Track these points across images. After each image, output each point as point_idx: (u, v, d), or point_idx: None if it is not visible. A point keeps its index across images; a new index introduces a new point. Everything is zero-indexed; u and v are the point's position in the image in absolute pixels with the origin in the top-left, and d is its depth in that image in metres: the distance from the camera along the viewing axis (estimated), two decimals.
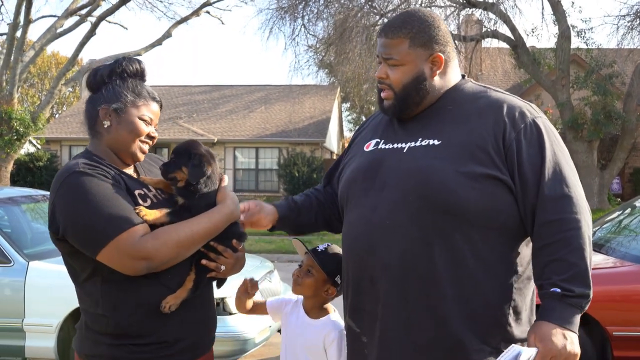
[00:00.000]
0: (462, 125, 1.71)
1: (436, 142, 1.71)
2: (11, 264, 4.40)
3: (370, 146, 1.86)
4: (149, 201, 1.84)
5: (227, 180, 1.95)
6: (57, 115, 36.18)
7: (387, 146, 1.80)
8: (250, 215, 1.98)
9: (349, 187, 1.86)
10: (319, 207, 2.09)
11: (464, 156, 1.65)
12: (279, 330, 4.99)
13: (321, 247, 2.21)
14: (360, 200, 1.78)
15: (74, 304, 4.28)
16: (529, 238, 1.70)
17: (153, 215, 1.76)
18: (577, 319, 1.59)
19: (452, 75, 1.81)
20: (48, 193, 6.06)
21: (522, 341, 1.67)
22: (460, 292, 1.64)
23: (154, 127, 1.91)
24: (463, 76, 1.87)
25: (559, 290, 1.56)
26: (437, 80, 1.77)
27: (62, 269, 4.41)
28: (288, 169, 22.94)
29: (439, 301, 1.64)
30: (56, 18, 18.73)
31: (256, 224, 2.00)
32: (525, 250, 1.72)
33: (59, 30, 18.66)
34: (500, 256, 1.67)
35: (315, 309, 2.23)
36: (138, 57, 1.96)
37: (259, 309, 2.39)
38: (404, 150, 1.75)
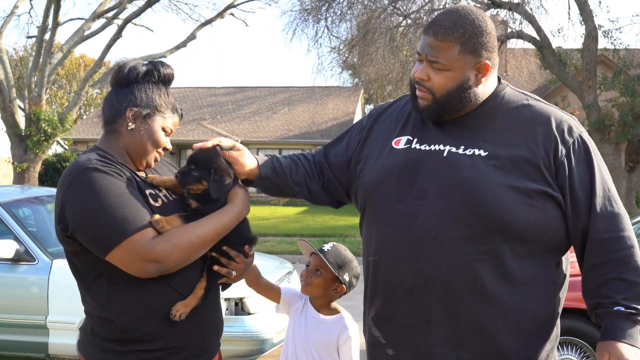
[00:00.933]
0: (508, 137, 1.65)
1: (482, 152, 1.64)
2: (35, 262, 4.49)
3: (400, 143, 1.75)
4: (159, 201, 1.80)
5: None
6: (84, 117, 36.75)
7: (422, 147, 1.71)
8: (232, 158, 1.85)
9: (378, 187, 1.74)
10: (304, 175, 1.95)
11: (514, 170, 1.60)
12: None
13: (327, 247, 2.23)
14: (395, 206, 1.68)
15: None
16: (567, 249, 1.71)
17: (170, 224, 1.71)
18: None
19: (493, 80, 1.75)
20: None
21: (553, 341, 1.70)
22: (509, 309, 1.62)
23: (169, 139, 1.89)
24: (499, 79, 1.80)
25: (622, 308, 1.57)
26: (480, 87, 1.69)
27: None
28: None
29: (487, 318, 1.62)
30: (84, 21, 19.04)
31: (235, 169, 1.86)
32: (565, 263, 1.72)
33: (86, 33, 18.96)
34: (547, 271, 1.67)
35: (325, 307, 2.25)
36: (164, 59, 1.94)
37: (271, 294, 2.37)
38: (444, 154, 1.67)
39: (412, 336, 1.66)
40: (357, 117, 27.63)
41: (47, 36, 17.94)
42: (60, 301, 4.41)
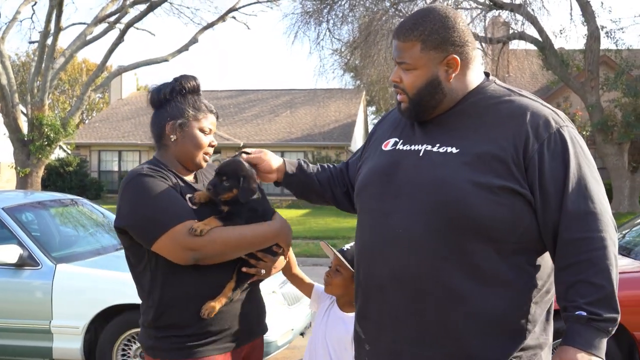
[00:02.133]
0: (482, 134, 1.64)
1: (454, 150, 1.63)
2: (39, 267, 4.48)
3: (388, 145, 1.80)
4: (197, 204, 2.02)
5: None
6: (86, 121, 36.81)
7: (404, 147, 1.74)
8: (257, 157, 2.04)
9: (364, 188, 1.80)
10: (329, 180, 2.09)
11: (482, 167, 1.58)
12: (302, 334, 5.00)
13: (347, 246, 2.29)
14: (374, 205, 1.72)
15: (101, 306, 4.37)
16: (545, 251, 1.64)
17: (209, 224, 1.92)
18: (604, 343, 1.52)
19: (473, 76, 1.72)
20: (75, 197, 6.18)
21: (534, 348, 1.63)
22: (476, 308, 1.59)
23: (212, 136, 2.09)
24: (488, 75, 1.79)
25: (584, 313, 1.50)
26: (454, 82, 1.68)
27: (89, 271, 4.55)
28: None
29: (453, 317, 1.59)
30: (86, 25, 19.08)
31: (261, 169, 2.05)
32: (545, 264, 1.65)
33: (88, 38, 19.01)
34: (518, 271, 1.60)
35: (348, 305, 2.31)
36: (193, 75, 2.14)
37: (303, 287, 2.43)
38: (420, 154, 1.68)
39: (382, 332, 1.69)
40: (359, 119, 27.63)
41: (49, 41, 17.98)
42: (64, 306, 4.40)
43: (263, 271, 2.05)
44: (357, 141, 27.62)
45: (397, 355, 1.66)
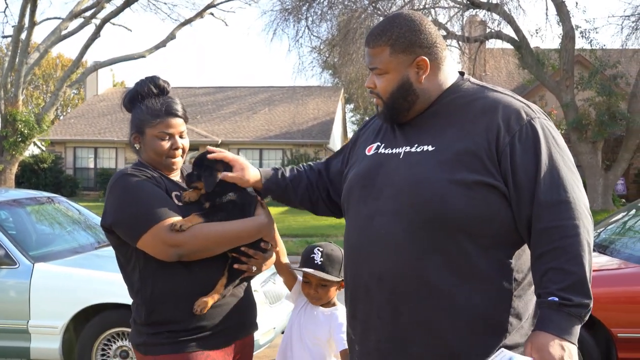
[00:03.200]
0: (456, 130, 1.67)
1: (430, 148, 1.67)
2: (16, 266, 4.41)
3: (371, 150, 1.84)
4: (185, 203, 2.05)
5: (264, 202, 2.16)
6: (61, 117, 36.29)
7: (386, 151, 1.78)
8: (235, 171, 2.01)
9: (349, 193, 1.84)
10: (307, 188, 2.06)
11: (456, 163, 1.61)
12: (283, 332, 4.99)
13: (318, 259, 2.19)
14: (359, 208, 1.76)
15: (79, 305, 4.31)
16: (525, 244, 1.66)
17: (190, 222, 1.94)
18: (577, 329, 1.54)
19: (445, 76, 1.75)
20: (52, 195, 6.09)
21: (520, 345, 1.64)
22: (456, 305, 1.61)
23: (178, 138, 2.07)
24: (462, 74, 1.82)
25: (556, 299, 1.51)
26: (426, 83, 1.72)
27: (68, 270, 4.49)
28: None
29: (434, 315, 1.61)
30: (61, 20, 18.80)
31: (237, 181, 2.02)
32: (525, 257, 1.67)
33: (63, 33, 18.73)
34: (497, 265, 1.62)
35: (329, 303, 2.31)
36: (153, 76, 2.13)
37: (288, 278, 2.35)
38: (400, 157, 1.72)
39: (369, 332, 1.71)
40: (338, 117, 27.67)
41: (23, 36, 17.68)
42: (42, 305, 4.33)
43: (254, 268, 2.07)
44: (336, 139, 27.65)
45: (383, 355, 1.68)
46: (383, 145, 1.81)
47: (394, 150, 1.75)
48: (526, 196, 1.58)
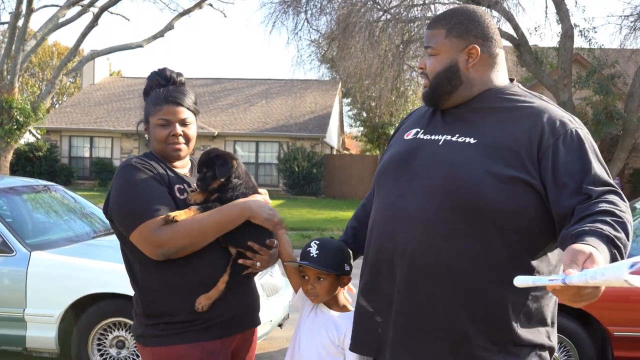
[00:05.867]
0: (499, 128, 1.70)
1: (472, 140, 1.71)
2: (13, 254, 4.40)
3: (410, 135, 1.89)
4: (185, 195, 2.06)
5: (265, 193, 2.18)
6: (57, 106, 36.11)
7: (425, 136, 1.83)
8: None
9: (383, 173, 1.89)
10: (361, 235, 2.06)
11: (495, 157, 1.65)
12: (280, 325, 5.00)
13: (314, 252, 2.11)
14: (391, 187, 1.81)
15: (76, 294, 4.31)
16: (550, 245, 1.67)
17: (184, 215, 1.95)
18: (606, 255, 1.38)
19: (494, 73, 1.81)
20: (48, 183, 6.07)
21: (532, 345, 1.66)
22: (471, 290, 1.63)
23: (177, 125, 2.08)
24: (512, 80, 1.87)
25: (605, 230, 1.40)
26: (472, 72, 1.78)
27: (65, 259, 4.47)
28: (288, 164, 22.93)
29: (449, 296, 1.65)
30: (58, 8, 18.66)
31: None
32: (546, 259, 1.68)
33: (60, 20, 18.60)
34: (519, 261, 1.64)
35: (334, 304, 2.19)
36: (161, 68, 2.18)
37: (294, 278, 2.24)
38: (440, 143, 1.76)
39: (390, 305, 1.75)
40: (335, 111, 27.63)
41: (20, 22, 17.54)
42: (39, 293, 4.33)
43: (258, 264, 2.06)
44: (332, 133, 27.62)
45: (400, 328, 1.73)
46: (422, 131, 1.86)
47: (433, 137, 1.81)
48: (569, 192, 1.56)
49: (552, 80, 16.60)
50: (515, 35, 16.42)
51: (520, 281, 1.34)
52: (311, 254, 2.12)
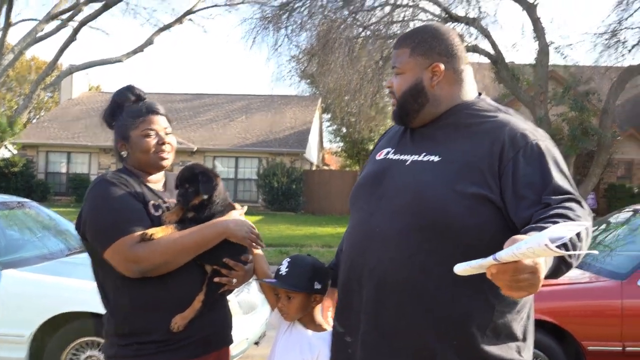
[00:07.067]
0: (462, 144, 1.72)
1: (436, 158, 1.73)
2: None
3: (381, 155, 1.92)
4: (160, 211, 2.04)
5: (243, 209, 2.17)
6: (34, 120, 35.69)
7: (394, 157, 1.86)
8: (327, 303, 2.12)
9: (356, 192, 1.93)
10: None
11: (458, 174, 1.66)
12: (257, 343, 4.96)
13: (283, 270, 2.09)
14: (362, 206, 1.84)
15: (48, 313, 4.22)
16: None
17: (161, 232, 1.93)
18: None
19: (460, 89, 1.82)
20: (23, 199, 5.97)
21: None
22: (436, 308, 1.64)
23: (163, 134, 2.09)
24: (480, 94, 1.89)
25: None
26: (438, 90, 1.80)
27: (37, 277, 4.40)
28: (267, 179, 22.89)
29: (413, 314, 1.66)
30: (37, 22, 18.55)
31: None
32: None
33: (39, 35, 18.49)
34: (483, 278, 1.57)
35: (310, 322, 2.15)
36: (127, 86, 2.17)
37: (271, 297, 2.20)
38: (407, 163, 1.79)
39: (358, 324, 1.76)
40: (315, 126, 27.70)
41: None
42: (9, 313, 4.24)
43: (235, 280, 2.05)
44: (312, 148, 27.66)
45: (368, 346, 1.73)
46: (393, 150, 1.89)
47: (401, 157, 1.83)
48: (529, 201, 1.56)
49: (529, 97, 16.83)
50: (492, 52, 16.66)
51: (460, 268, 1.34)
52: (280, 272, 2.10)
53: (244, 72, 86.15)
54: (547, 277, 1.40)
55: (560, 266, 1.46)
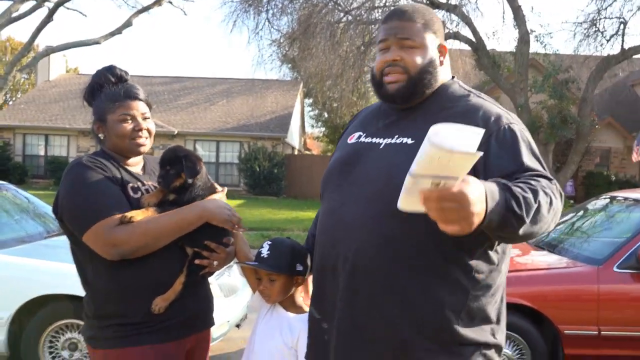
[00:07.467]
0: None
1: (410, 140, 1.69)
2: None
3: (353, 138, 1.86)
4: (139, 193, 2.03)
5: (224, 191, 2.16)
6: (10, 103, 35.08)
7: (366, 140, 1.80)
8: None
9: (326, 179, 1.87)
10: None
11: None
12: (238, 325, 4.96)
13: (265, 253, 2.10)
14: (333, 194, 1.80)
15: (26, 296, 4.18)
16: (488, 245, 1.65)
17: (141, 214, 1.92)
18: (498, 210, 1.36)
19: (444, 73, 1.81)
20: (0, 182, 5.87)
21: (476, 344, 1.65)
22: (408, 295, 1.62)
23: (140, 120, 2.06)
24: (453, 77, 1.87)
25: (509, 184, 1.40)
26: (440, 70, 1.78)
27: (13, 260, 4.35)
28: (249, 164, 22.81)
29: (386, 301, 1.64)
30: (12, 2, 18.15)
31: None
32: (486, 256, 1.66)
33: (14, 15, 18.10)
34: (456, 262, 1.63)
35: (291, 305, 2.17)
36: (108, 66, 2.13)
37: (253, 279, 2.20)
38: (380, 147, 1.75)
39: (333, 311, 1.75)
40: (296, 111, 27.61)
41: None
42: None
43: (215, 263, 2.04)
44: (294, 133, 27.59)
45: (342, 334, 1.72)
46: (365, 134, 1.83)
47: (374, 140, 1.78)
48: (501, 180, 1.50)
49: (509, 84, 16.94)
50: (473, 39, 16.71)
51: (399, 204, 1.29)
52: (262, 255, 2.10)
53: (224, 55, 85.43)
54: (495, 227, 1.36)
55: (508, 215, 1.37)
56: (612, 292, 4.16)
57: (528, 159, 1.60)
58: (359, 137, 1.84)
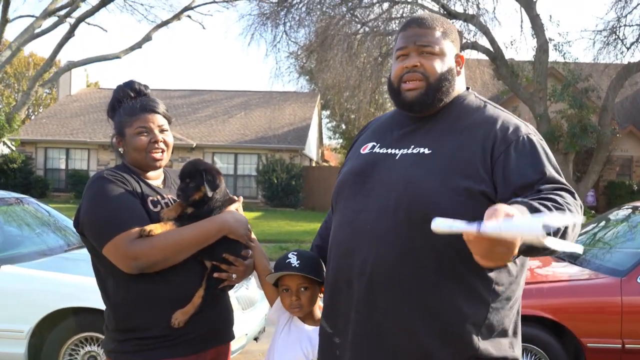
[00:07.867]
0: (454, 137, 1.68)
1: (427, 151, 1.69)
2: None
3: (366, 149, 1.85)
4: (159, 207, 2.03)
5: (240, 201, 2.16)
6: (32, 117, 35.64)
7: (381, 150, 1.79)
8: None
9: (340, 189, 1.85)
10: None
11: (450, 168, 1.62)
12: (256, 339, 4.96)
13: (295, 262, 2.07)
14: (348, 203, 1.78)
15: (47, 309, 4.22)
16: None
17: (160, 228, 1.92)
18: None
19: (459, 83, 1.82)
20: (21, 195, 5.96)
21: (494, 358, 1.63)
22: (431, 306, 1.60)
23: (157, 132, 2.08)
24: (468, 88, 1.87)
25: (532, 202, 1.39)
26: (457, 80, 1.78)
27: (35, 273, 4.39)
28: (267, 175, 22.87)
29: (408, 312, 1.62)
30: (34, 18, 18.50)
31: None
32: (505, 269, 1.65)
33: (36, 31, 18.43)
34: (477, 273, 1.61)
35: (310, 317, 2.15)
36: (128, 81, 2.17)
37: (270, 292, 2.20)
38: (397, 157, 1.73)
39: (347, 325, 1.71)
40: (314, 123, 27.67)
41: None
42: (8, 308, 4.23)
43: (234, 276, 2.04)
44: (311, 145, 27.63)
45: (359, 347, 1.69)
46: (379, 145, 1.82)
47: (389, 151, 1.77)
48: (522, 193, 1.51)
49: (528, 94, 16.82)
50: (491, 49, 16.64)
51: (438, 226, 1.29)
52: (292, 265, 2.07)
53: (242, 68, 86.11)
54: (520, 253, 1.38)
55: (538, 248, 1.38)
56: (635, 304, 4.08)
57: (549, 169, 1.59)
58: (373, 147, 1.83)
